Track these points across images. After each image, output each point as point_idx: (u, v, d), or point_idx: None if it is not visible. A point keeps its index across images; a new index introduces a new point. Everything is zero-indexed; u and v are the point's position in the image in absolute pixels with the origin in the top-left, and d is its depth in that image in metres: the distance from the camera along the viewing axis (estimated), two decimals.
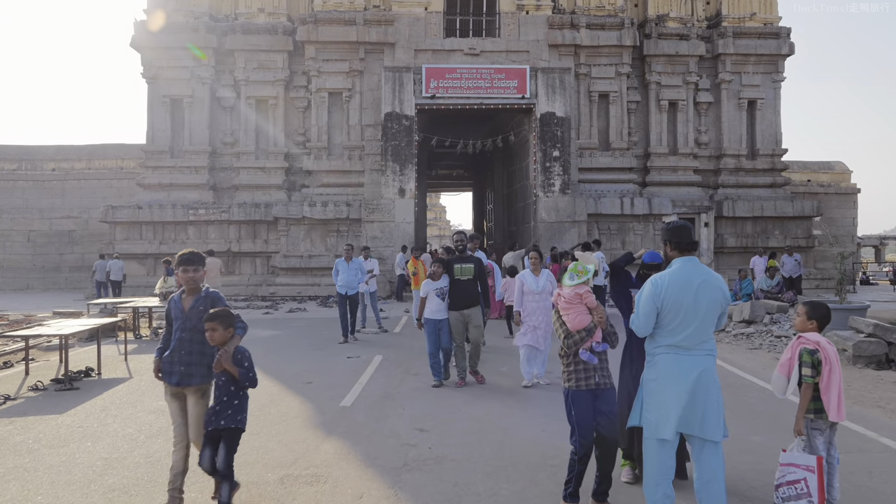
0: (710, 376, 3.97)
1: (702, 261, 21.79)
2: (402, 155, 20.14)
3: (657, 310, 3.96)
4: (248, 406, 4.38)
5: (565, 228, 20.23)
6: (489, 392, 7.72)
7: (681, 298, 3.92)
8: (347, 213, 20.53)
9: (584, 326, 4.30)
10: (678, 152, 22.22)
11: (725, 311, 4.08)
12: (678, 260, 4.06)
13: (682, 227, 4.13)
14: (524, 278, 8.05)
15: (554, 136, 20.33)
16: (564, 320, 4.35)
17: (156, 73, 21.50)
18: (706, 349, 4.00)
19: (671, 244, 4.12)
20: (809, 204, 22.13)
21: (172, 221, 20.90)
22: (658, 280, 4.00)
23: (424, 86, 20.26)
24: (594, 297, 4.42)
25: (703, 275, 4.00)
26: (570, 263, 6.77)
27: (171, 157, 21.62)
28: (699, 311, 3.93)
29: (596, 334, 4.34)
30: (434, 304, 7.93)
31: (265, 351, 10.57)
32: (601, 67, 21.78)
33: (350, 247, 12.10)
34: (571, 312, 4.33)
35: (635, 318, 4.04)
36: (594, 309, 4.37)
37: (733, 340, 11.25)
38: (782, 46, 22.16)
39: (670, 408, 3.93)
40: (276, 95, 21.63)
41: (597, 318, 4.34)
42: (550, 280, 7.99)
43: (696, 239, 3.79)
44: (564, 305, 4.37)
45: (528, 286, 7.97)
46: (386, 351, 10.49)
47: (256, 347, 10.86)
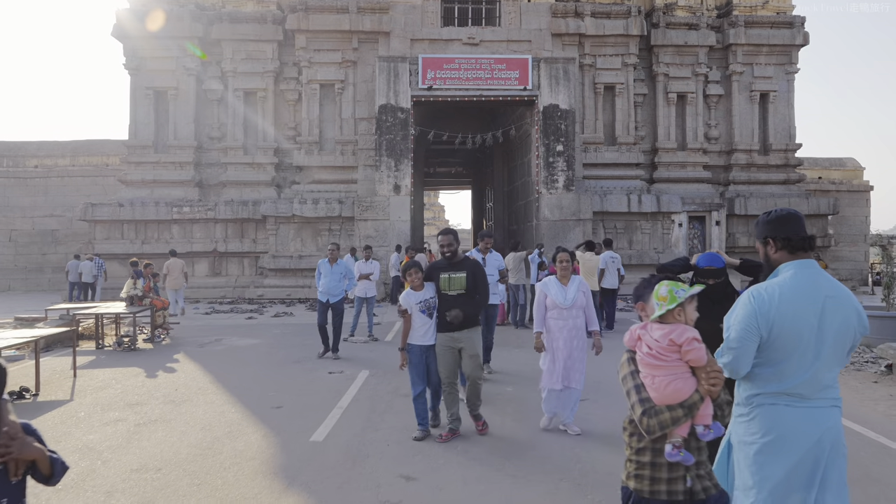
0: (835, 439, 2.60)
1: None
2: (398, 149, 18.73)
3: (759, 339, 2.59)
4: (161, 452, 2.91)
5: (569, 227, 18.83)
6: (489, 445, 5.48)
7: (798, 323, 2.55)
8: (340, 210, 19.12)
9: (684, 399, 2.42)
10: (687, 147, 20.83)
11: (858, 341, 2.69)
12: (791, 265, 2.68)
13: (790, 217, 2.75)
14: (547, 288, 5.94)
15: (557, 129, 18.93)
16: (644, 383, 2.50)
17: (139, 64, 20.08)
18: (830, 398, 2.63)
19: (777, 242, 2.74)
20: (825, 201, 20.75)
21: (155, 220, 19.48)
22: (763, 295, 2.62)
23: (421, 77, 18.86)
24: (703, 348, 2.48)
25: (829, 288, 2.62)
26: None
27: (155, 152, 20.20)
28: (825, 343, 2.56)
29: (702, 410, 2.44)
30: (419, 323, 5.68)
31: (235, 365, 9.17)
32: (607, 58, 20.39)
33: (335, 246, 10.09)
34: (661, 373, 2.46)
35: (724, 351, 2.66)
36: (703, 368, 2.46)
37: None
38: (796, 36, 20.77)
39: (779, 484, 2.56)
40: (266, 87, 20.21)
41: (707, 383, 2.42)
42: (584, 290, 5.97)
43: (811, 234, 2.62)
44: (649, 360, 2.50)
45: (553, 299, 5.88)
46: (374, 365, 9.08)
47: (227, 360, 9.50)
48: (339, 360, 9.53)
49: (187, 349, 10.48)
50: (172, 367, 9.09)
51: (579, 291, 5.95)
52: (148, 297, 11.34)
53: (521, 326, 12.59)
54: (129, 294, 11.27)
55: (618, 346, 9.46)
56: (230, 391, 7.55)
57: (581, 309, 5.91)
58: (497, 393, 7.45)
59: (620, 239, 19.66)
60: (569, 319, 5.88)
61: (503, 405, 6.91)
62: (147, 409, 6.78)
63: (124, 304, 11.34)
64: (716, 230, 19.91)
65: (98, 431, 5.97)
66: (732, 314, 2.68)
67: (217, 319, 14.64)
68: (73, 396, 7.38)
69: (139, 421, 6.30)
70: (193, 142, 20.13)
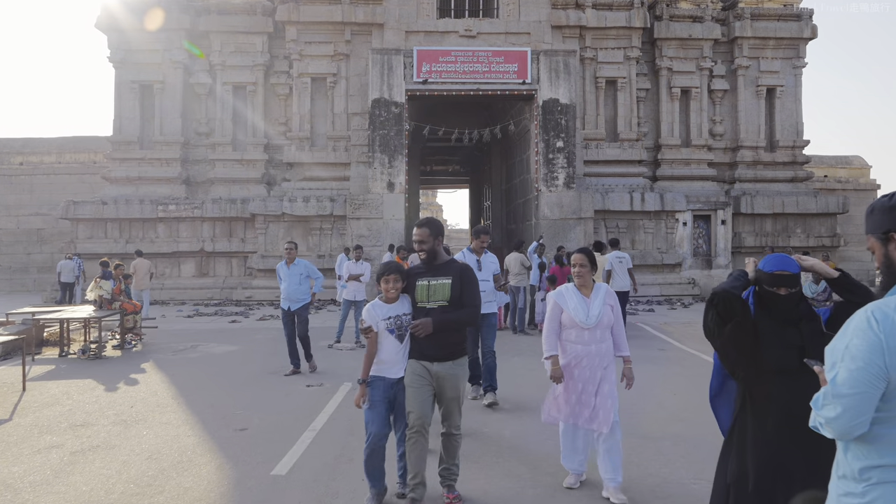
0: None
1: (718, 263, 19.62)
2: (391, 145, 17.80)
3: (886, 384, 1.68)
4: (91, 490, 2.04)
5: (570, 226, 17.92)
6: None
7: None
8: (331, 209, 18.20)
9: None
10: (691, 144, 19.91)
11: None
12: None
13: None
14: (564, 300, 4.38)
15: (557, 124, 18.01)
16: None
17: (124, 57, 19.14)
18: None
19: None
20: (834, 200, 19.85)
21: (140, 218, 18.54)
22: (892, 318, 1.70)
23: (416, 70, 17.93)
24: None
25: None
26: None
27: (141, 148, 19.27)
28: None
29: None
30: (388, 348, 4.10)
31: (206, 376, 8.24)
32: (608, 51, 19.47)
33: (292, 245, 8.77)
34: None
35: (828, 401, 1.75)
36: None
37: None
38: (804, 29, 19.87)
39: None
40: (255, 81, 19.28)
41: None
42: (612, 303, 4.39)
43: None
44: None
45: (571, 315, 4.32)
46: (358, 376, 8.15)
47: (198, 370, 8.56)
48: (324, 361, 8.62)
49: (158, 357, 9.55)
50: (136, 378, 8.16)
51: (606, 305, 4.32)
52: (118, 300, 10.42)
53: (519, 332, 11.68)
54: (97, 294, 10.34)
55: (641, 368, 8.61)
56: (192, 409, 6.63)
57: (608, 329, 4.36)
58: (488, 436, 5.61)
59: (623, 238, 18.73)
60: (591, 344, 4.29)
61: (496, 458, 5.02)
62: (92, 431, 5.85)
63: (92, 308, 10.41)
64: (721, 229, 18.99)
65: (25, 461, 5.04)
66: (840, 346, 1.77)
67: (199, 323, 13.71)
68: (12, 415, 6.45)
69: (78, 447, 5.37)
70: (180, 137, 19.21)
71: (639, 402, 6.63)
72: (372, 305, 4.14)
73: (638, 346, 10.51)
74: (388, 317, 4.07)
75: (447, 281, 4.03)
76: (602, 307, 4.32)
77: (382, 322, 4.06)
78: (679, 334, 11.77)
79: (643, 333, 12.01)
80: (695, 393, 6.92)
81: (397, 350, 4.08)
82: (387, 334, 4.08)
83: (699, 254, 19.16)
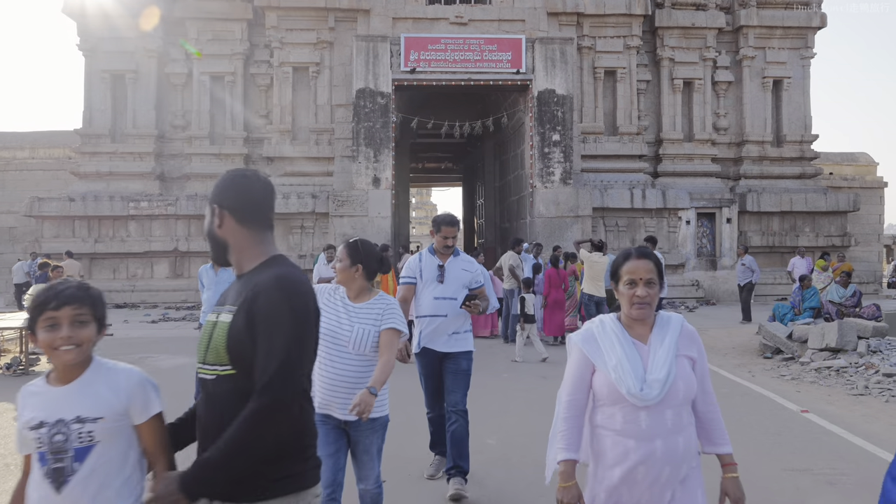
0: None
1: (723, 263, 18.21)
2: (377, 138, 16.42)
3: None
4: None
5: (566, 225, 16.56)
6: None
7: None
8: (313, 206, 16.81)
9: None
10: (694, 138, 18.56)
11: None
12: None
13: None
14: (596, 347, 2.19)
15: (553, 116, 16.65)
16: None
17: (94, 45, 17.70)
18: None
19: None
20: (845, 197, 18.54)
21: (110, 216, 17.13)
22: None
23: (403, 58, 16.55)
24: None
25: None
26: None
27: (112, 141, 17.84)
28: None
29: None
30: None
31: None
32: (607, 40, 18.10)
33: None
34: None
35: None
36: None
37: (819, 378, 7.57)
38: (812, 18, 18.54)
39: None
40: (234, 71, 17.87)
41: None
42: (690, 348, 2.21)
43: None
44: None
45: (614, 377, 2.11)
46: None
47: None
48: None
49: None
50: None
51: (681, 357, 2.17)
52: None
53: (512, 341, 10.30)
54: None
55: None
56: None
57: (687, 405, 2.19)
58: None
59: (623, 237, 17.40)
60: (656, 437, 2.09)
61: None
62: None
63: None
64: (727, 228, 17.65)
65: None
66: None
67: (162, 329, 12.32)
68: None
69: None
70: (154, 130, 17.78)
71: None
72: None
73: None
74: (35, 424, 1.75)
75: (227, 318, 1.78)
76: (670, 365, 2.11)
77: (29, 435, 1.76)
78: None
79: None
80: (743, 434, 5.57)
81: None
82: (35, 465, 1.77)
83: (703, 254, 17.81)
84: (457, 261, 4.42)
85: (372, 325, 3.06)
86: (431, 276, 4.32)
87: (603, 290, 9.61)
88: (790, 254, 17.94)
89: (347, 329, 3.05)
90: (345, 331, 3.05)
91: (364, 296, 3.17)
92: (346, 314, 3.10)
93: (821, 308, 10.04)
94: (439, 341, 4.30)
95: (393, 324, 3.10)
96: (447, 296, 4.28)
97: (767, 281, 17.95)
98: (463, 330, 4.39)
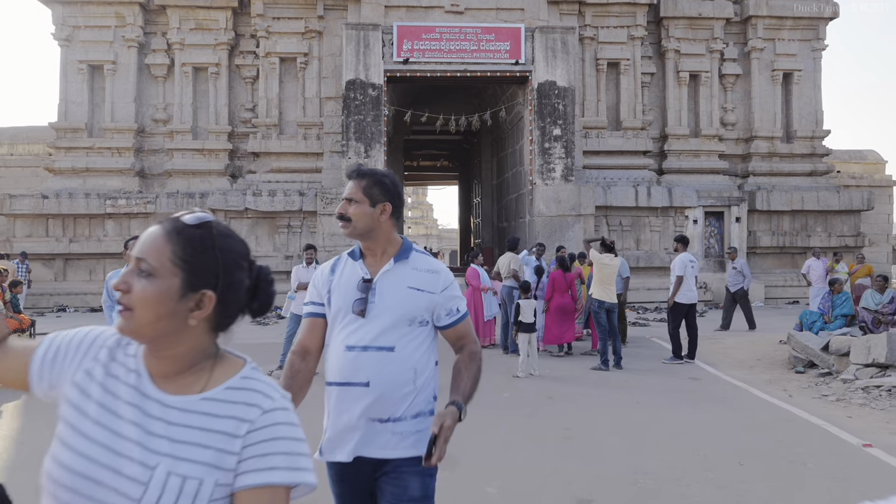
0: None
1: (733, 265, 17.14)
2: (368, 132, 15.28)
3: None
4: None
5: (568, 224, 15.44)
6: None
7: None
8: (301, 203, 15.66)
9: None
10: (700, 134, 17.45)
11: None
12: None
13: None
14: None
15: (554, 110, 15.53)
16: None
17: (70, 34, 16.53)
18: None
19: None
20: (859, 195, 17.46)
21: (86, 214, 15.96)
22: None
23: (396, 48, 15.42)
24: None
25: None
26: None
27: (89, 136, 16.67)
28: None
29: None
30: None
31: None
32: (610, 30, 16.99)
33: (133, 241, 4.04)
34: None
35: None
36: None
37: (869, 399, 6.44)
38: (824, 8, 17.45)
39: None
40: (218, 62, 16.70)
41: None
42: None
43: None
44: None
45: None
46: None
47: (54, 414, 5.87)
48: None
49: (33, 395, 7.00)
50: None
51: None
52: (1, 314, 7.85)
53: (511, 352, 9.15)
54: None
55: (678, 414, 6.19)
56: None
57: None
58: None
59: (626, 237, 16.29)
60: None
61: None
62: None
63: None
64: (736, 228, 16.53)
65: None
66: None
67: None
68: None
69: None
70: (134, 124, 16.61)
71: (689, 473, 4.13)
72: None
73: (662, 373, 8.03)
74: None
75: None
76: None
77: None
78: (708, 354, 9.29)
79: (662, 352, 9.53)
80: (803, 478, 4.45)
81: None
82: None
83: (711, 255, 16.70)
84: (401, 269, 2.11)
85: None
86: (346, 303, 2.08)
87: (614, 296, 8.47)
88: (801, 254, 16.87)
89: None
90: None
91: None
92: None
93: (854, 315, 8.93)
94: (364, 439, 2.02)
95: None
96: (374, 343, 2.03)
97: (777, 283, 16.88)
98: (418, 412, 2.06)
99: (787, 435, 5.39)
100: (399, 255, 2.12)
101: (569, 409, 6.35)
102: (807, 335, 8.30)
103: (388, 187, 2.10)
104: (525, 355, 7.86)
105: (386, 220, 2.10)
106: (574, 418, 5.95)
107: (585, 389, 7.21)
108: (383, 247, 2.12)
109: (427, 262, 2.16)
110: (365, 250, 2.14)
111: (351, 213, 2.07)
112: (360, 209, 2.06)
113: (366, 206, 2.06)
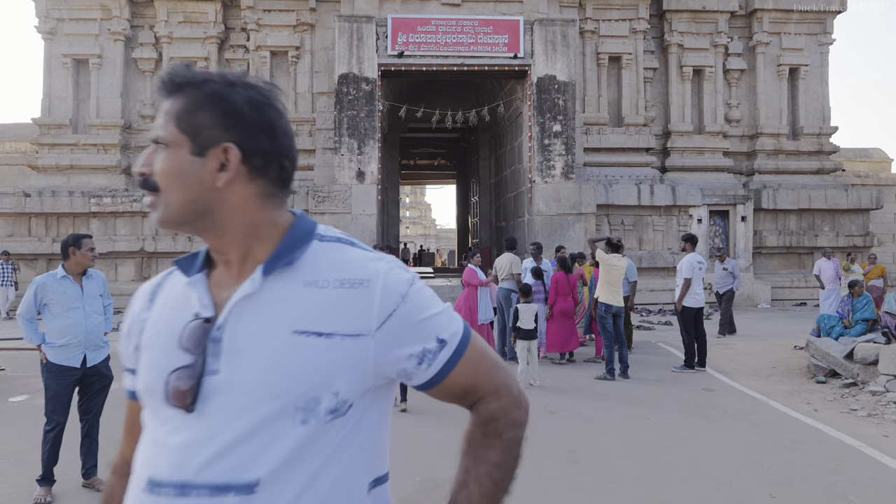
0: None
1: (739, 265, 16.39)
2: (361, 128, 14.64)
3: None
4: None
5: (568, 223, 14.80)
6: None
7: None
8: (292, 201, 14.98)
9: None
10: (704, 131, 16.82)
11: None
12: None
13: None
14: None
15: (554, 105, 14.89)
16: None
17: (54, 27, 15.88)
18: None
19: None
20: (867, 194, 16.84)
21: (70, 213, 15.32)
22: None
23: (390, 41, 14.78)
24: None
25: None
26: None
27: (74, 132, 16.03)
28: None
29: None
30: None
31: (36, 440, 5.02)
32: (612, 23, 16.36)
33: (90, 241, 4.12)
34: None
35: None
36: None
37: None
38: (831, 1, 16.83)
39: None
40: (208, 56, 16.05)
41: None
42: None
43: None
44: None
45: None
46: None
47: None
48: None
49: None
50: None
51: None
52: None
53: (510, 359, 8.51)
54: None
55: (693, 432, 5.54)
56: None
57: None
58: None
59: (629, 237, 15.65)
60: None
61: None
62: None
63: None
64: (741, 227, 15.91)
65: None
66: None
67: None
68: None
69: None
70: (120, 120, 15.97)
71: None
72: None
73: (672, 383, 7.38)
74: None
75: None
76: None
77: None
78: (720, 361, 8.64)
79: (669, 358, 8.89)
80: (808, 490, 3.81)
81: None
82: None
83: (716, 255, 16.02)
84: (279, 290, 0.98)
85: None
86: (156, 376, 1.01)
87: (620, 299, 7.83)
88: (808, 255, 16.28)
89: None
90: None
91: None
92: None
93: (876, 320, 8.30)
94: None
95: None
96: (208, 476, 0.92)
97: (784, 284, 16.26)
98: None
99: (820, 458, 4.76)
100: (277, 256, 0.99)
101: (573, 425, 5.71)
102: (827, 341, 7.66)
103: (235, 109, 0.98)
104: (524, 364, 7.22)
105: (239, 185, 0.99)
106: (579, 438, 5.31)
107: (591, 402, 6.57)
108: (242, 243, 1.01)
109: (346, 265, 1.00)
110: (213, 254, 1.05)
111: (157, 171, 0.98)
112: (174, 160, 0.98)
113: (184, 154, 0.98)
